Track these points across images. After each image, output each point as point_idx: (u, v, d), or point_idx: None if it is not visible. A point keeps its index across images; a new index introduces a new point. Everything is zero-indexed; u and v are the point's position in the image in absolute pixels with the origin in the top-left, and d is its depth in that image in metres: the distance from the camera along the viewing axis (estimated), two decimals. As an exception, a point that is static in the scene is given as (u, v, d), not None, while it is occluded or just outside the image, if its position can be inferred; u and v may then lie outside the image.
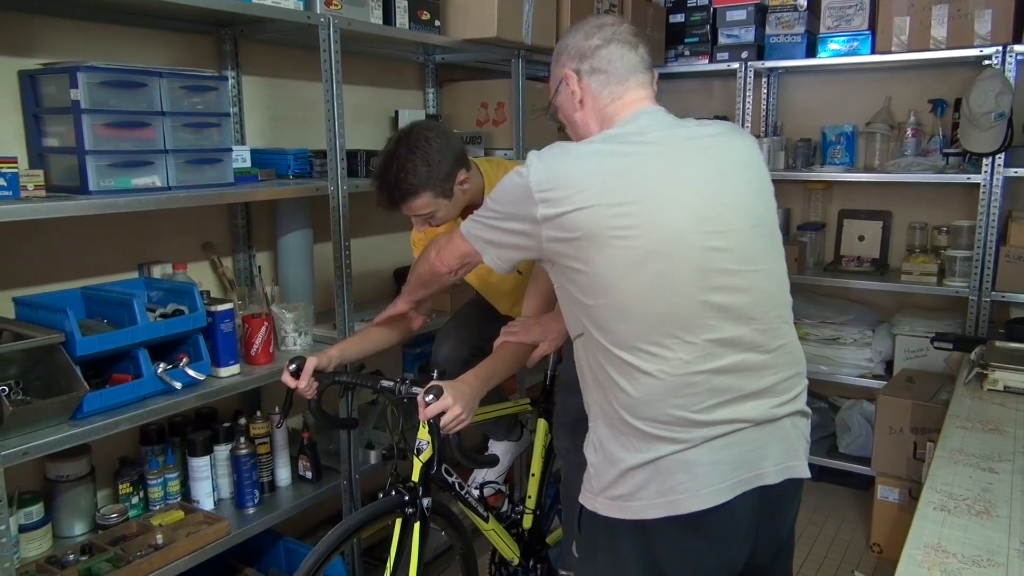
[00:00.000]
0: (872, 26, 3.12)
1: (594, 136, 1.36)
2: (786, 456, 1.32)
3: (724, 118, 3.71)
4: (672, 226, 1.22)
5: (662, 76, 3.90)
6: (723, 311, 1.24)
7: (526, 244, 1.30)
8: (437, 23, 2.52)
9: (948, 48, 2.96)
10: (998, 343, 2.43)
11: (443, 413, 1.58)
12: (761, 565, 1.38)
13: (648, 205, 1.21)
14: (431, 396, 1.58)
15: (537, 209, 1.24)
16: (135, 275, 2.09)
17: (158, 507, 1.99)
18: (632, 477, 1.26)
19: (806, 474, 1.35)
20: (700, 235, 1.23)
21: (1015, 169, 2.86)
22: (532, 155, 1.29)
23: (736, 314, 1.25)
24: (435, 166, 1.74)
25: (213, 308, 1.91)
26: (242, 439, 2.08)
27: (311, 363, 1.81)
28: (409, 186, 1.73)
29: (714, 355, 1.23)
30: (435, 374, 1.72)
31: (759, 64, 3.38)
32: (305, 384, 1.81)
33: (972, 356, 2.34)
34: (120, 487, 1.96)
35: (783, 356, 1.32)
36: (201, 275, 2.24)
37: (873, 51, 3.12)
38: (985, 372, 2.17)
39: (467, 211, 1.91)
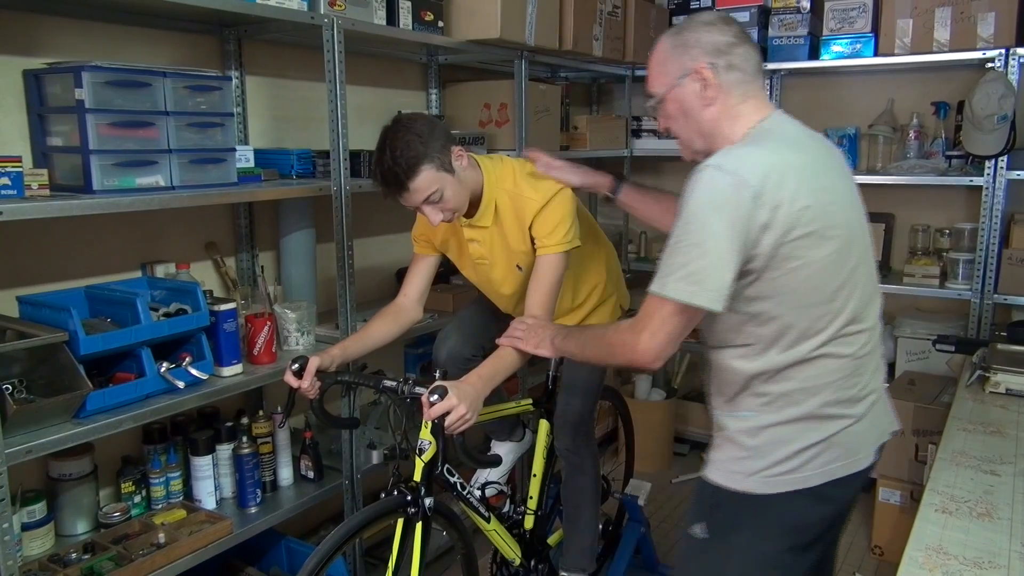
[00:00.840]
0: (875, 28, 3.12)
1: (761, 137, 1.35)
2: (891, 415, 1.50)
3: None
4: (854, 225, 1.35)
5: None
6: (872, 301, 1.40)
7: (740, 259, 1.25)
8: (440, 24, 2.52)
9: (951, 51, 2.96)
10: (1000, 346, 2.43)
11: (448, 413, 1.59)
12: None
13: (838, 205, 1.32)
14: (436, 396, 1.58)
15: (761, 212, 1.23)
16: (138, 274, 2.10)
17: (160, 506, 2.00)
18: (803, 454, 1.35)
19: (899, 426, 1.55)
20: (865, 234, 1.40)
21: (1018, 172, 2.86)
22: (723, 159, 1.26)
23: (874, 303, 1.42)
24: (427, 138, 1.73)
25: (216, 307, 1.91)
26: (244, 438, 2.09)
27: (313, 363, 1.82)
28: (408, 160, 1.71)
29: (871, 339, 1.40)
30: (437, 374, 1.72)
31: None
32: (308, 384, 1.82)
33: (974, 359, 2.34)
34: (122, 486, 1.97)
35: None
36: (204, 275, 2.24)
37: (876, 53, 3.12)
38: (987, 375, 2.18)
39: (471, 209, 1.91)
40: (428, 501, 1.76)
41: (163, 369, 1.79)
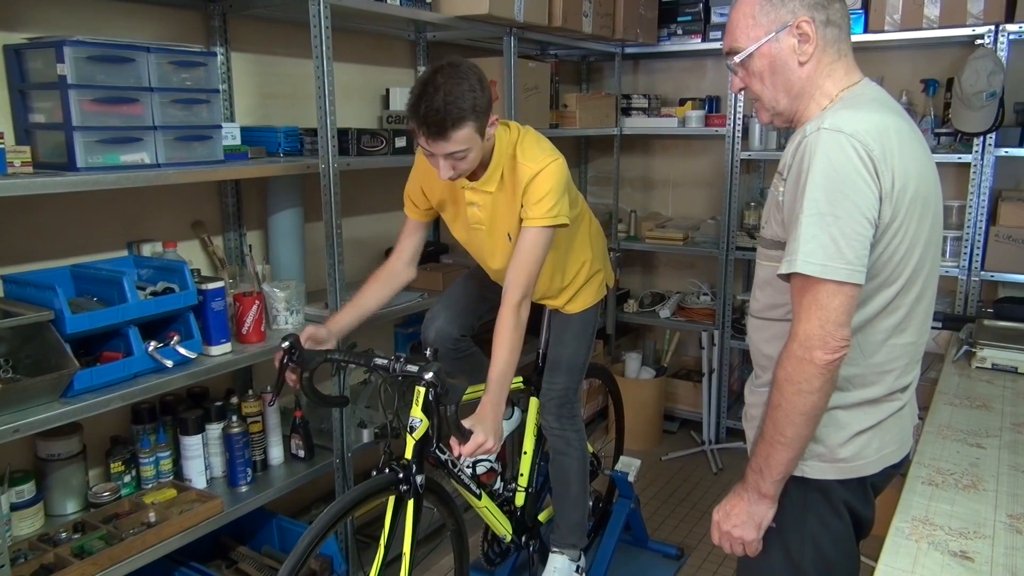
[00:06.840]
0: (865, 4, 3.10)
1: (860, 99, 1.28)
2: (915, 399, 1.45)
3: (716, 98, 3.71)
4: (935, 200, 1.32)
5: (654, 56, 3.88)
6: (935, 282, 1.35)
7: (871, 231, 1.18)
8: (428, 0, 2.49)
9: (941, 27, 2.95)
10: (987, 322, 2.46)
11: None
12: None
13: (927, 179, 1.28)
14: (463, 437, 1.64)
15: (883, 180, 1.17)
16: (125, 254, 2.08)
17: (150, 485, 1.99)
18: (857, 440, 1.31)
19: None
20: (940, 213, 1.35)
21: (1006, 149, 2.87)
22: (840, 122, 1.18)
23: (934, 284, 1.37)
24: (479, 96, 1.69)
25: (204, 286, 1.90)
26: (234, 418, 2.08)
27: (307, 332, 1.84)
28: (459, 111, 1.66)
29: (928, 324, 1.36)
30: (427, 352, 1.72)
31: (752, 43, 3.35)
32: (291, 371, 1.83)
33: (961, 335, 2.36)
34: (112, 466, 1.96)
35: None
36: (191, 254, 2.22)
37: (866, 30, 3.11)
38: (973, 350, 2.19)
39: (477, 171, 1.88)
40: (419, 479, 1.77)
41: (151, 348, 1.77)
